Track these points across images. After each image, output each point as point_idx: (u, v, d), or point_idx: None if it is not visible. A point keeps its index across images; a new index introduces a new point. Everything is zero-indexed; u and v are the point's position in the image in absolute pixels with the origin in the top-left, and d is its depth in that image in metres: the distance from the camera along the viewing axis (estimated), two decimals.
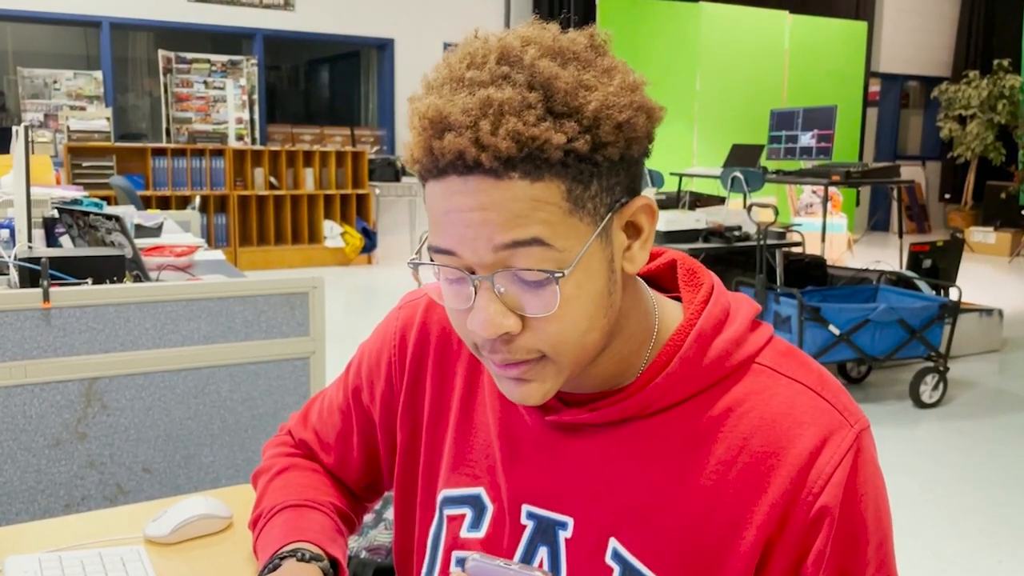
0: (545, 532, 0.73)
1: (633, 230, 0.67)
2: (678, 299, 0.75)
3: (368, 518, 1.86)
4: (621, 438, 0.71)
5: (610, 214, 0.64)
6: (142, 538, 1.04)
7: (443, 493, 0.80)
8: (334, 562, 0.82)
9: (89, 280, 1.78)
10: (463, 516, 0.78)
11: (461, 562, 0.78)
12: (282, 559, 0.80)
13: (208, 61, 7.60)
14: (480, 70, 0.62)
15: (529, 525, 0.74)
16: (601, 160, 0.61)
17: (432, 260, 0.65)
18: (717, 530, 0.67)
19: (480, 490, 0.78)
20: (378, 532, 1.94)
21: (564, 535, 0.72)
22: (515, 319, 0.63)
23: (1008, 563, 2.56)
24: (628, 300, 0.69)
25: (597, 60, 0.64)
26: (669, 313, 0.73)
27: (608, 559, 0.70)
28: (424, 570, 0.81)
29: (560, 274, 0.61)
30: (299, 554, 0.80)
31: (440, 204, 0.62)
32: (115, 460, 1.79)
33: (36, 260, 1.72)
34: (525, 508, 0.74)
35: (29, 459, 1.72)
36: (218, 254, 2.71)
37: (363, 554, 1.96)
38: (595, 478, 0.71)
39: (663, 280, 0.78)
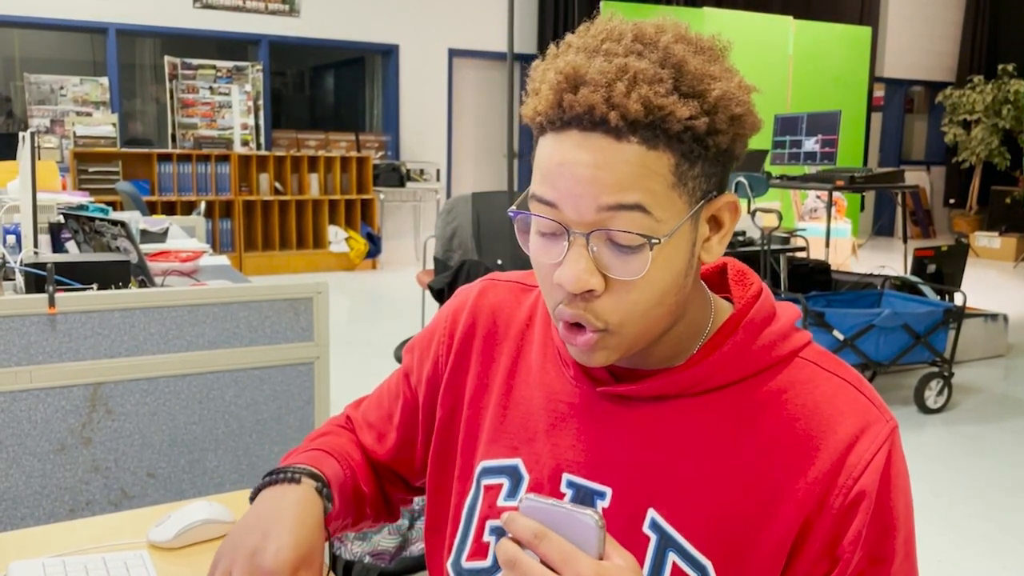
0: (583, 501, 0.75)
1: (716, 224, 0.71)
2: (728, 300, 0.80)
3: None
4: (667, 413, 0.74)
5: (703, 200, 0.68)
6: (146, 543, 1.04)
7: (482, 464, 0.82)
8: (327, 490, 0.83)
9: (94, 285, 1.79)
10: (500, 486, 0.80)
11: (495, 531, 0.79)
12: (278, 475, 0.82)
13: (213, 67, 7.62)
14: (617, 43, 0.66)
15: (568, 493, 0.76)
16: (711, 145, 0.66)
17: (533, 209, 0.68)
18: (755, 506, 0.70)
19: (518, 461, 0.80)
20: (382, 537, 1.94)
21: (602, 504, 0.75)
22: (600, 278, 0.67)
23: (1013, 570, 2.56)
24: (694, 290, 0.74)
25: (719, 59, 0.69)
26: (722, 308, 0.78)
27: (646, 528, 0.72)
28: (457, 539, 0.83)
29: (657, 240, 0.65)
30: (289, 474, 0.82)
31: (555, 155, 0.66)
32: (120, 465, 1.80)
33: (42, 265, 1.73)
34: (565, 477, 0.77)
35: (34, 464, 1.72)
36: (223, 259, 2.71)
37: (367, 559, 1.96)
38: (638, 450, 0.74)
39: (712, 283, 0.82)
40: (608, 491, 0.74)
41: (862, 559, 0.69)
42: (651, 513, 0.72)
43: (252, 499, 0.82)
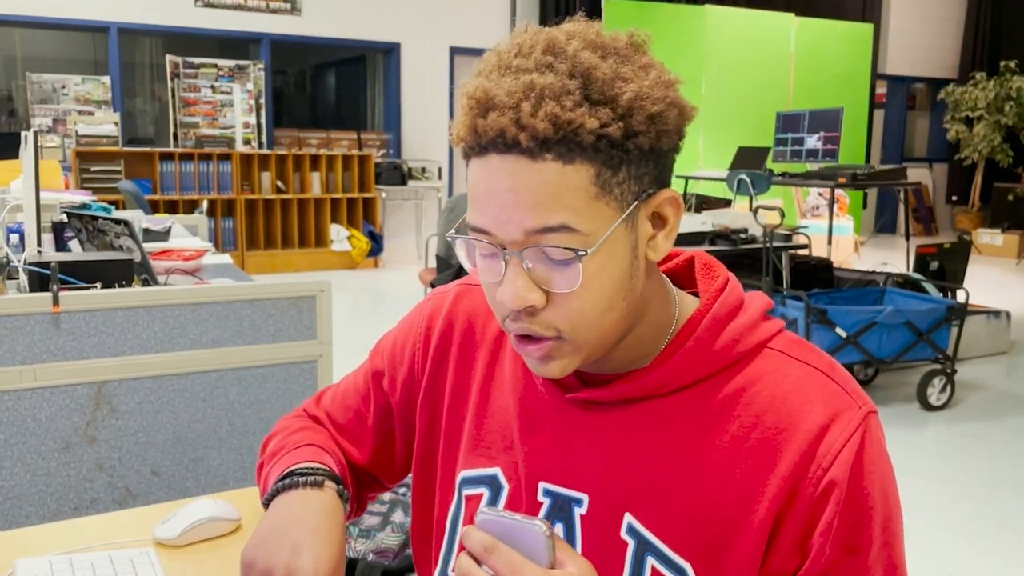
0: (561, 508, 0.76)
1: (659, 220, 0.71)
2: (696, 295, 0.79)
3: (375, 521, 1.86)
4: (637, 416, 0.73)
5: (636, 202, 0.68)
6: (151, 540, 1.05)
7: (462, 474, 0.82)
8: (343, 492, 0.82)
9: (98, 284, 1.80)
10: (481, 495, 0.80)
11: None
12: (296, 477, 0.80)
13: (215, 66, 7.63)
14: (527, 59, 0.66)
15: (545, 502, 0.76)
16: (632, 148, 0.65)
17: (470, 235, 0.70)
18: (730, 504, 0.70)
19: (496, 470, 0.80)
20: (385, 535, 1.95)
21: (579, 511, 0.75)
22: (540, 293, 0.67)
23: (1015, 568, 2.56)
24: (651, 288, 0.73)
25: (636, 57, 0.68)
26: (688, 304, 0.77)
27: (623, 533, 0.72)
28: (443, 550, 0.83)
29: (583, 253, 0.65)
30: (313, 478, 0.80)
31: (480, 183, 0.67)
32: (124, 463, 1.80)
33: (45, 264, 1.74)
34: (542, 485, 0.77)
35: (39, 462, 1.73)
36: (225, 258, 2.72)
37: (370, 557, 1.96)
38: (611, 455, 0.74)
39: (682, 278, 0.81)
40: (585, 498, 0.74)
41: (835, 550, 0.68)
42: (628, 518, 0.72)
43: (271, 499, 0.80)
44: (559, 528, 0.75)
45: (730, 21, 8.18)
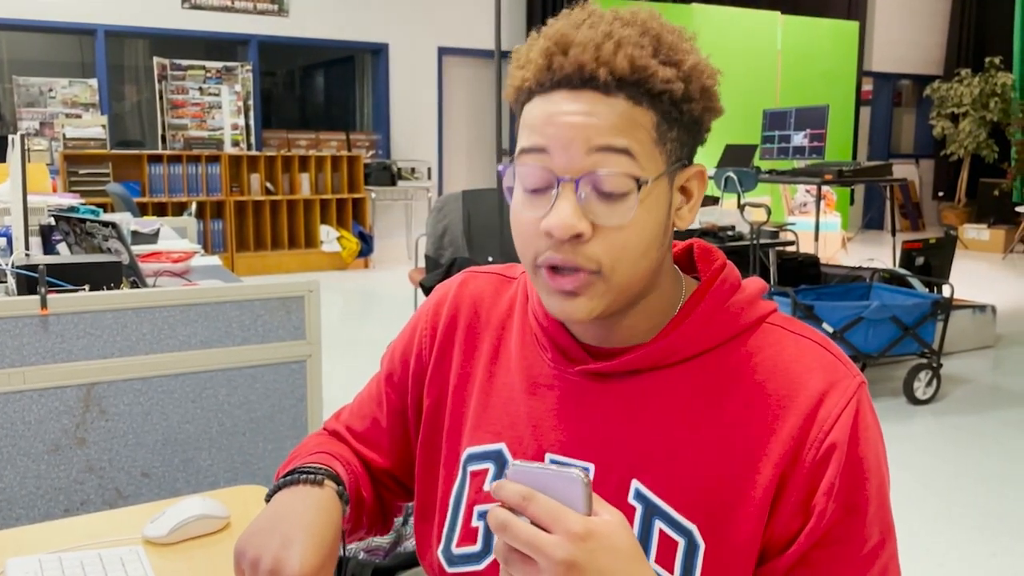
0: None
1: (685, 193, 0.76)
2: (696, 279, 0.82)
3: None
4: (643, 387, 0.76)
5: (677, 164, 0.73)
6: (141, 539, 1.06)
7: (467, 451, 0.84)
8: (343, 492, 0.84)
9: (86, 287, 1.80)
10: (486, 471, 0.82)
11: (484, 516, 0.80)
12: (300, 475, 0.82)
13: (203, 67, 7.61)
14: (600, 19, 0.72)
15: (558, 466, 0.77)
16: (685, 111, 0.71)
17: (520, 160, 0.71)
18: (735, 468, 0.72)
19: (502, 445, 0.82)
20: None
21: None
22: (588, 224, 0.69)
23: (1002, 556, 2.59)
24: (666, 262, 0.77)
25: (690, 40, 0.74)
26: (691, 284, 0.81)
27: (631, 499, 0.74)
28: (446, 526, 0.84)
29: (645, 181, 0.69)
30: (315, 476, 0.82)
31: (544, 111, 0.70)
32: (114, 465, 1.81)
33: (33, 267, 1.74)
34: (548, 457, 0.78)
35: (28, 465, 1.73)
36: (214, 259, 2.72)
37: (361, 555, 1.97)
38: (617, 425, 0.76)
39: (681, 264, 0.84)
40: (591, 467, 0.76)
41: (836, 509, 0.71)
42: (635, 484, 0.74)
43: (272, 494, 0.82)
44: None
45: (717, 20, 8.21)
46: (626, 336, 0.77)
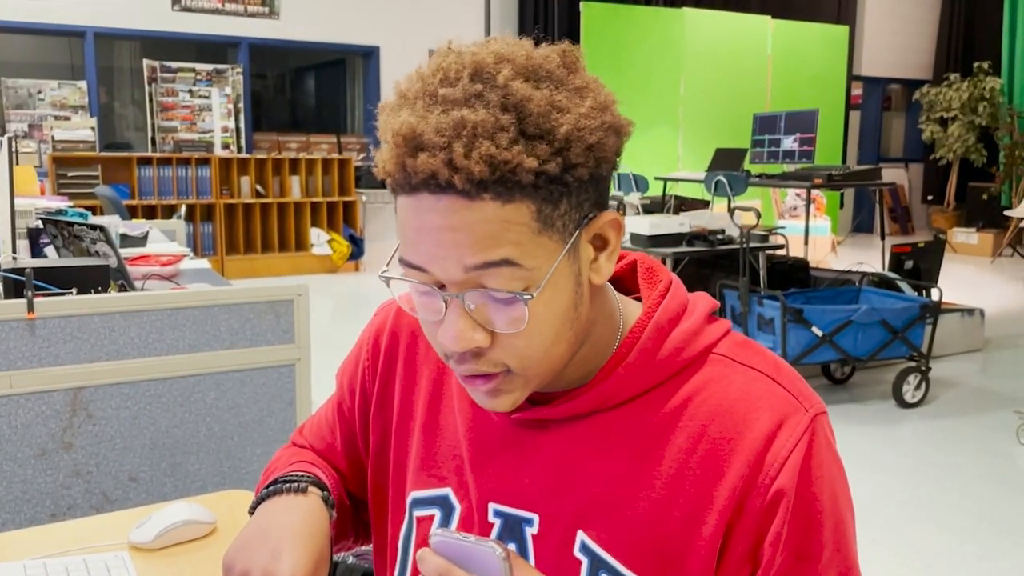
0: (512, 529, 0.75)
1: (600, 242, 0.69)
2: (640, 300, 0.77)
3: None
4: (585, 432, 0.72)
5: (578, 230, 0.65)
6: (126, 544, 1.05)
7: (412, 495, 0.82)
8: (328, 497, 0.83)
9: (73, 290, 1.79)
10: (432, 517, 0.80)
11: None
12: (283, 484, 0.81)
13: (193, 70, 7.59)
14: (454, 87, 0.62)
15: (496, 523, 0.76)
16: (571, 180, 0.63)
17: (404, 273, 0.67)
18: (681, 517, 0.69)
19: (447, 490, 0.79)
20: None
21: (530, 531, 0.74)
22: (484, 334, 0.65)
23: (990, 559, 2.60)
24: (595, 308, 0.71)
25: (569, 78, 0.64)
26: (631, 312, 0.75)
27: (576, 552, 0.71)
28: (397, 570, 0.83)
29: (529, 296, 0.63)
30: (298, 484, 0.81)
31: (412, 220, 0.64)
32: (101, 469, 1.80)
33: (20, 271, 1.73)
34: (492, 506, 0.76)
35: (15, 469, 1.72)
36: (203, 263, 2.71)
37: (350, 559, 1.97)
38: (561, 473, 0.73)
39: (626, 281, 0.80)
40: (535, 517, 0.74)
41: (785, 560, 0.67)
42: (580, 536, 0.71)
43: (255, 507, 0.81)
44: (512, 547, 0.74)
45: (707, 24, 8.24)
46: (563, 384, 0.73)
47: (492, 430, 0.77)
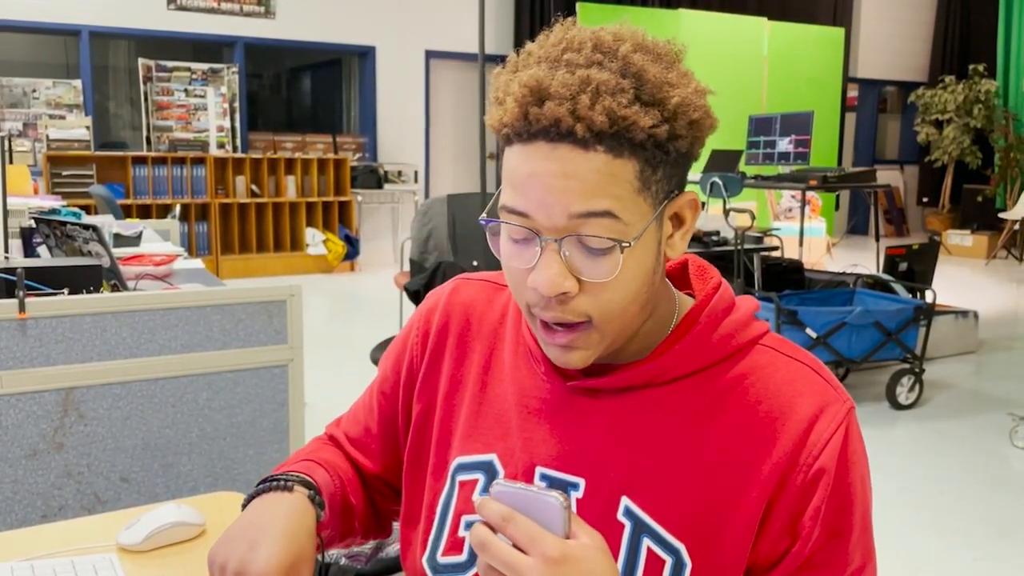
0: None
1: (677, 221, 0.75)
2: (691, 295, 0.83)
3: None
4: (637, 403, 0.76)
5: (666, 201, 0.71)
6: (115, 546, 1.05)
7: (457, 460, 0.84)
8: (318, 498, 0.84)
9: (65, 290, 1.79)
10: (475, 481, 0.82)
11: (470, 526, 0.80)
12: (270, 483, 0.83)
13: (189, 69, 7.58)
14: (577, 54, 0.68)
15: (542, 486, 0.77)
16: (671, 150, 0.69)
17: (504, 219, 0.71)
18: (724, 488, 0.73)
19: (493, 456, 0.82)
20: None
21: (575, 495, 0.77)
22: (574, 281, 0.69)
23: (984, 560, 2.60)
24: (660, 286, 0.77)
25: (676, 65, 0.71)
26: (686, 302, 0.81)
27: (620, 516, 0.75)
28: (432, 534, 0.84)
29: (627, 244, 0.68)
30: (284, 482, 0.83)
31: (523, 167, 0.68)
32: (93, 470, 1.79)
33: (12, 271, 1.72)
34: (539, 470, 0.78)
35: (5, 470, 1.72)
36: (197, 263, 2.71)
37: (343, 561, 1.96)
38: (609, 441, 0.76)
39: (675, 280, 0.85)
40: (581, 482, 0.76)
41: (821, 534, 0.71)
42: (624, 501, 0.75)
43: (244, 506, 0.83)
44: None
45: (704, 25, 8.25)
46: (622, 357, 0.78)
47: (545, 397, 0.80)
